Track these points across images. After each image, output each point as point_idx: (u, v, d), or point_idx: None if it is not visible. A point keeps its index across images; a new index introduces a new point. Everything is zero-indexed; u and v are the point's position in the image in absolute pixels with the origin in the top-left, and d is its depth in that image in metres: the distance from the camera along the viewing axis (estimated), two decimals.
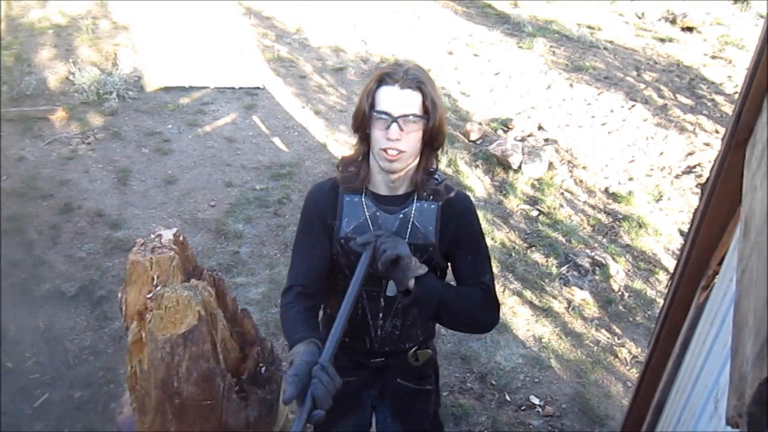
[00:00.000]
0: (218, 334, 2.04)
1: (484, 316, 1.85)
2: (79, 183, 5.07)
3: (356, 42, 7.63)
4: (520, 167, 5.43)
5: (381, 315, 1.93)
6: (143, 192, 5.06)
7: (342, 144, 5.74)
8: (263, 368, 2.23)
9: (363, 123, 1.75)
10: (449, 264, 1.94)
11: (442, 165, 5.50)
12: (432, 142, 1.77)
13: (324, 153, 5.64)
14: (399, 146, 1.69)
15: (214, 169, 5.37)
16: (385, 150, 1.70)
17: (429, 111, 1.70)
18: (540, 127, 6.09)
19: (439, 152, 1.85)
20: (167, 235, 2.15)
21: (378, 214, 1.82)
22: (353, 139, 1.86)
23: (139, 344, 2.02)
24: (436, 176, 1.87)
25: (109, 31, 7.34)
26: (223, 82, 6.62)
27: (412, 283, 1.70)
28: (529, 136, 5.96)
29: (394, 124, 1.67)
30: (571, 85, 6.84)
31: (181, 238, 2.19)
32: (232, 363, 2.15)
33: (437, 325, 2.06)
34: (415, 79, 1.69)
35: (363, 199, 1.83)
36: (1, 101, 6.00)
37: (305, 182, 5.23)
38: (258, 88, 6.60)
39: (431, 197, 1.83)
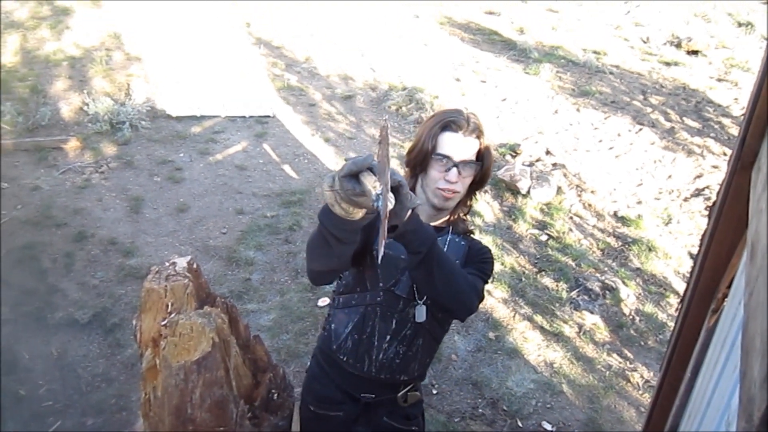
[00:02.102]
0: (231, 360, 2.06)
1: (470, 295, 1.80)
2: (92, 211, 5.13)
3: (364, 70, 7.73)
4: (528, 192, 5.46)
5: (389, 337, 1.95)
6: (155, 220, 5.11)
7: None
8: (275, 394, 2.24)
9: (422, 162, 1.86)
10: None
11: None
12: (479, 184, 1.94)
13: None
14: (455, 188, 1.84)
15: (226, 197, 5.42)
16: (442, 189, 1.84)
17: (483, 158, 1.87)
18: (548, 152, 6.13)
19: (479, 193, 2.01)
20: (181, 262, 2.19)
21: None
22: None
23: (153, 371, 2.04)
24: (467, 219, 2.03)
25: (122, 62, 7.46)
26: (233, 111, 6.71)
27: (407, 216, 1.58)
28: (537, 161, 5.99)
29: (455, 169, 1.82)
30: (578, 110, 6.89)
31: (194, 266, 2.22)
32: (244, 389, 2.17)
33: (440, 352, 2.06)
34: (476, 128, 1.85)
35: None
36: (17, 131, 6.10)
37: (315, 209, 5.27)
38: (268, 116, 6.69)
39: (463, 235, 1.99)
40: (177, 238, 4.92)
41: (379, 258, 1.36)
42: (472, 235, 2.04)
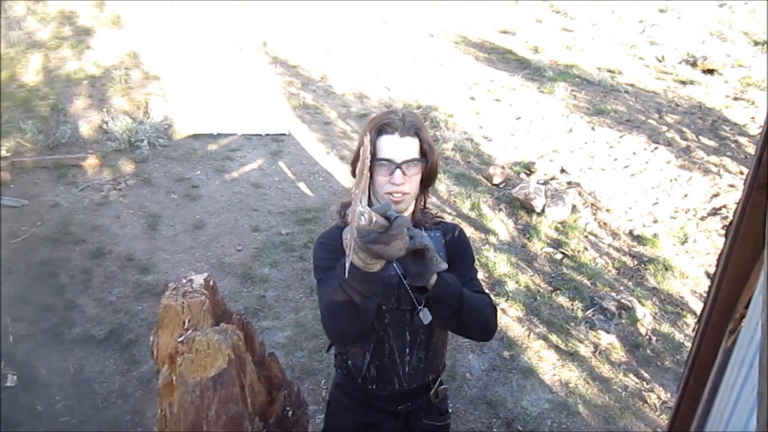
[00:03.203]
0: (247, 377, 2.08)
1: (492, 317, 1.89)
2: (110, 228, 5.19)
3: (379, 89, 7.79)
4: (543, 210, 5.45)
5: (407, 350, 1.97)
6: (172, 237, 5.16)
7: None
8: (290, 412, 2.24)
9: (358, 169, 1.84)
10: None
11: (466, 208, 5.54)
12: (429, 180, 1.91)
13: (349, 197, 5.71)
14: (403, 189, 1.82)
15: (241, 214, 5.47)
16: (390, 194, 1.82)
17: (426, 153, 1.84)
18: (562, 170, 6.12)
19: (431, 188, 1.99)
20: (198, 279, 2.21)
21: None
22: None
23: (170, 387, 2.06)
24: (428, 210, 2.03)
25: (141, 81, 7.58)
26: (250, 129, 6.78)
27: (433, 279, 1.67)
28: (551, 179, 5.99)
29: (398, 170, 1.80)
30: (592, 128, 6.89)
31: (211, 283, 2.25)
32: (259, 406, 2.18)
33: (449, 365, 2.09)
34: (413, 125, 1.82)
35: None
36: (38, 149, 6.20)
37: (330, 227, 5.29)
38: (284, 134, 6.75)
39: (433, 227, 1.98)
40: (193, 255, 4.96)
41: (346, 271, 1.39)
42: (440, 219, 2.03)
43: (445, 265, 1.70)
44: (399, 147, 1.80)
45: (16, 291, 4.49)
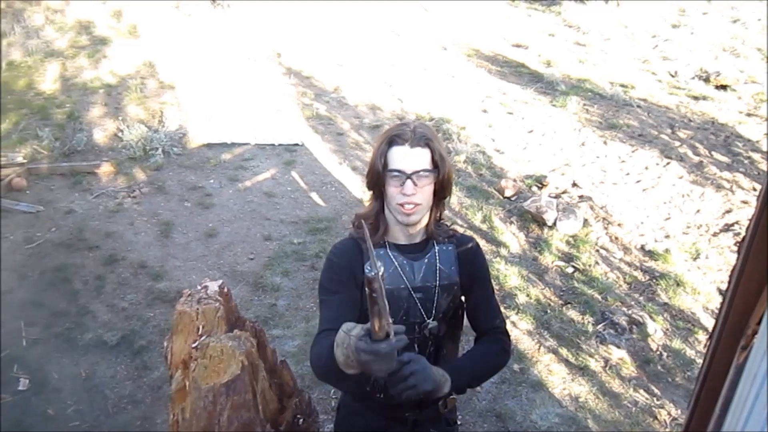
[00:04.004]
0: (259, 384, 2.09)
1: (503, 360, 2.01)
2: (123, 235, 5.24)
3: (392, 100, 7.84)
4: (554, 224, 5.45)
5: None
6: (185, 244, 5.20)
7: None
8: (301, 420, 2.26)
9: (378, 181, 1.87)
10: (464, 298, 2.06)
11: (477, 221, 5.55)
12: (442, 191, 1.90)
13: (360, 208, 5.72)
14: (415, 200, 1.82)
15: (254, 223, 5.50)
16: (402, 205, 1.82)
17: (438, 164, 1.83)
18: (574, 184, 6.12)
19: (446, 201, 1.98)
20: (213, 286, 2.24)
21: (405, 263, 1.93)
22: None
23: (183, 393, 2.08)
24: (442, 221, 2.02)
25: (156, 90, 7.67)
26: (263, 139, 6.84)
27: (447, 387, 1.80)
28: (563, 192, 5.99)
29: (409, 181, 1.80)
30: (605, 143, 6.89)
31: (225, 290, 2.27)
32: (270, 414, 2.19)
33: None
34: (423, 136, 1.82)
35: (388, 251, 1.93)
36: (54, 156, 6.28)
37: (342, 237, 5.28)
38: (297, 144, 6.80)
39: (446, 240, 1.97)
40: (205, 263, 4.99)
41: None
42: (453, 231, 2.02)
43: (448, 382, 1.80)
44: (409, 158, 1.81)
45: (31, 296, 4.54)
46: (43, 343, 4.15)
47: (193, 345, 2.06)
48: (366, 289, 1.37)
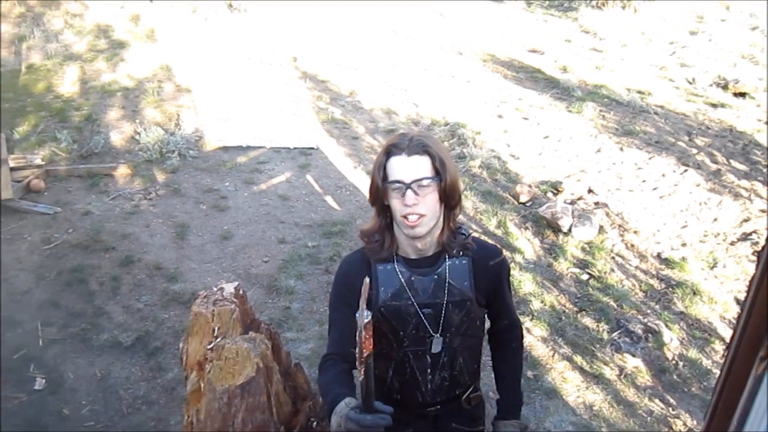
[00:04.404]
0: (273, 386, 2.10)
1: (522, 350, 2.24)
2: (139, 237, 5.28)
3: (407, 105, 7.85)
4: (570, 230, 5.42)
5: (429, 371, 1.97)
6: (200, 247, 5.23)
7: None
8: (314, 423, 2.26)
9: (379, 196, 1.82)
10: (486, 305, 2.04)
11: (492, 226, 5.53)
12: (448, 199, 1.82)
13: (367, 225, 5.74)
14: (418, 210, 1.75)
15: (268, 226, 5.52)
16: (405, 217, 1.76)
17: (439, 171, 1.76)
18: (590, 191, 6.09)
19: (458, 210, 1.89)
20: (229, 288, 2.25)
21: (413, 278, 1.88)
22: None
23: (197, 394, 2.09)
24: (462, 231, 1.93)
25: (173, 93, 7.73)
26: (278, 143, 6.87)
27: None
28: (579, 199, 5.96)
29: (409, 191, 1.74)
30: (621, 149, 6.85)
31: (241, 292, 2.28)
32: (284, 416, 2.19)
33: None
34: (421, 144, 1.76)
35: (396, 266, 1.89)
36: (71, 158, 6.35)
37: (356, 240, 5.32)
38: (312, 148, 6.82)
39: (461, 253, 1.90)
40: (220, 265, 5.02)
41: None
42: (472, 242, 1.93)
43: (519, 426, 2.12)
44: (407, 167, 1.75)
45: (48, 296, 4.58)
46: (60, 343, 4.19)
47: (209, 346, 2.07)
48: (357, 366, 1.56)
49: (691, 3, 11.08)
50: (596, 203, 5.88)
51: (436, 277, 1.88)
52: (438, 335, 1.90)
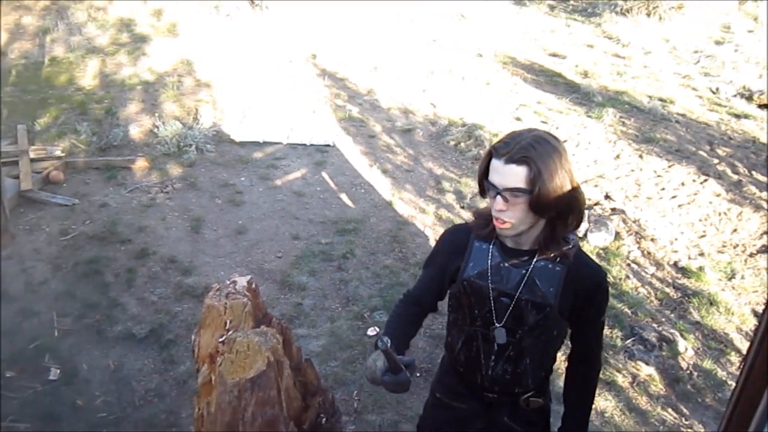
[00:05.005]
0: (283, 381, 2.09)
1: (597, 381, 2.21)
2: (155, 230, 5.31)
3: (425, 105, 7.83)
4: (585, 236, 5.38)
5: (493, 358, 2.00)
6: (214, 241, 5.25)
7: (407, 203, 5.83)
8: (324, 419, 2.26)
9: (482, 190, 1.88)
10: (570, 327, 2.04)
11: None
12: (541, 212, 1.78)
13: (389, 211, 5.74)
14: (504, 217, 1.78)
15: (283, 222, 5.53)
16: (495, 218, 1.81)
17: (534, 184, 1.72)
18: (607, 197, 6.04)
19: (569, 219, 1.86)
20: (241, 282, 2.25)
21: (502, 265, 1.91)
22: (419, 199, 2.07)
23: (208, 387, 2.09)
24: (569, 240, 1.91)
25: (192, 88, 7.77)
26: (295, 139, 6.88)
27: None
28: (595, 204, 5.91)
29: (499, 197, 1.76)
30: (640, 156, 6.79)
31: (253, 286, 2.28)
32: (294, 412, 2.19)
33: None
34: (522, 153, 1.72)
35: (491, 248, 1.94)
36: (90, 150, 6.40)
37: (370, 239, 5.32)
38: (328, 145, 6.82)
39: (558, 259, 1.88)
40: (234, 260, 5.03)
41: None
42: (575, 253, 1.91)
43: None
44: (502, 173, 1.75)
45: (64, 287, 4.62)
46: (74, 334, 4.23)
47: (220, 339, 2.07)
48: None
49: (718, 14, 10.95)
50: (613, 209, 5.83)
51: (524, 272, 1.89)
52: (501, 326, 1.93)
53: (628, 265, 5.19)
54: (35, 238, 5.15)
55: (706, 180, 6.36)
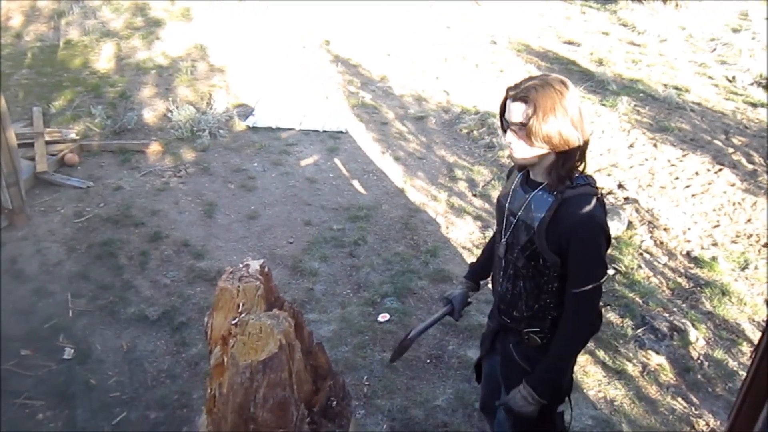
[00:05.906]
0: (295, 364, 2.11)
1: (583, 332, 2.21)
2: (168, 213, 5.35)
3: (438, 92, 7.80)
4: None
5: (501, 274, 2.32)
6: (227, 225, 5.28)
7: (419, 190, 5.82)
8: (334, 402, 2.28)
9: (502, 125, 2.14)
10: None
11: None
12: (534, 143, 2.01)
13: (401, 198, 5.74)
14: (512, 148, 2.08)
15: (295, 208, 5.55)
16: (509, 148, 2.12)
17: (529, 118, 1.97)
18: (620, 185, 6.01)
19: (570, 161, 2.08)
20: (254, 265, 2.27)
21: (517, 189, 2.23)
22: (431, 186, 2.28)
23: (221, 368, 2.11)
24: (577, 179, 2.12)
25: (206, 72, 7.79)
26: (308, 125, 6.89)
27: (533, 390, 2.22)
28: (608, 193, 5.88)
29: (508, 131, 2.06)
30: (654, 145, 6.74)
31: (266, 270, 2.30)
32: (305, 395, 2.21)
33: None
34: (524, 92, 1.98)
35: (520, 177, 2.25)
36: (105, 134, 6.44)
37: (381, 225, 5.33)
38: (341, 132, 6.83)
39: (552, 191, 2.10)
40: (246, 244, 5.07)
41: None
42: (576, 193, 2.08)
43: (530, 400, 2.25)
44: (510, 110, 2.02)
45: (78, 268, 4.68)
46: (89, 314, 4.28)
47: (233, 321, 2.09)
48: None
49: (735, 1, 10.79)
50: (626, 198, 5.80)
51: (528, 197, 2.15)
52: (503, 241, 2.25)
53: (641, 254, 5.17)
54: (50, 219, 5.21)
55: (720, 169, 6.31)
